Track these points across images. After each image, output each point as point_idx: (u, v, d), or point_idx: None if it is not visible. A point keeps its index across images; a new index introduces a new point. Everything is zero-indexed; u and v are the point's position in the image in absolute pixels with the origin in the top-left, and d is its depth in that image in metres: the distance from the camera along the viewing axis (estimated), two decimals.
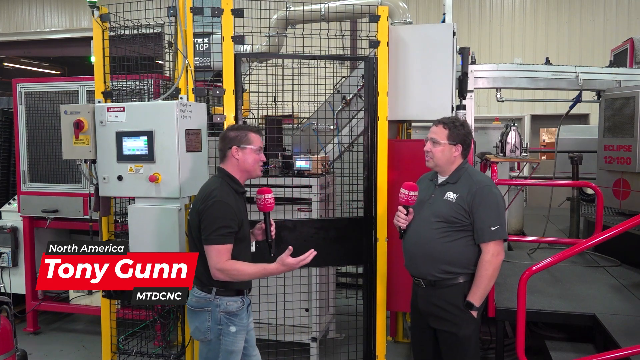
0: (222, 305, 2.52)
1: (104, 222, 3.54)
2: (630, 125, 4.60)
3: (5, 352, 2.70)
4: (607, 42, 9.08)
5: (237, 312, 2.55)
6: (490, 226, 2.57)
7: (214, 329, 2.52)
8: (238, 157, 2.55)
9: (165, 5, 3.32)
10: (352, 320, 3.94)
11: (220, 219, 2.42)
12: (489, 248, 2.58)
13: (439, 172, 2.76)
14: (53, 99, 4.64)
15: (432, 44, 3.70)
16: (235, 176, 2.58)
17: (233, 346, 2.55)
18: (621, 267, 4.49)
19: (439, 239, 2.62)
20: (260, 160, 2.60)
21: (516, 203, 5.38)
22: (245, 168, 2.58)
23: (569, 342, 3.56)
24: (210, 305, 2.52)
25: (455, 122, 2.71)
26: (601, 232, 2.87)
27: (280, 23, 4.33)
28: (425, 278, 2.69)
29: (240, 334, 2.57)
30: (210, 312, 2.52)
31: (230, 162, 2.58)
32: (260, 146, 2.60)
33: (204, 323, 2.53)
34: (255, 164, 2.59)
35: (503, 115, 9.05)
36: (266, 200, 2.64)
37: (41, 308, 4.87)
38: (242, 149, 2.55)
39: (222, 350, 2.53)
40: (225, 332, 2.52)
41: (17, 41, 11.86)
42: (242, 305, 2.58)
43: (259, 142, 2.60)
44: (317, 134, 4.27)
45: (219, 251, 2.41)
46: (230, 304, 2.53)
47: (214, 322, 2.52)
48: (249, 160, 2.57)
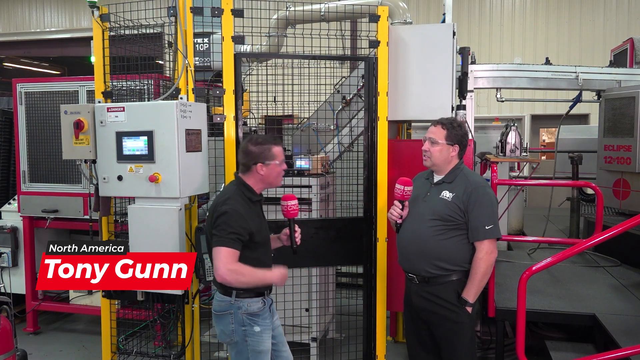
0: (244, 307, 2.56)
1: (104, 222, 3.54)
2: (630, 125, 4.60)
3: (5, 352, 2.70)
4: (607, 42, 9.09)
5: (258, 312, 2.60)
6: (484, 225, 2.64)
7: (239, 331, 2.57)
8: (263, 172, 2.59)
9: (165, 5, 3.32)
10: (352, 320, 3.94)
11: (232, 226, 2.45)
12: (483, 246, 2.65)
13: (436, 171, 2.81)
14: (53, 99, 4.63)
15: (432, 44, 3.70)
16: (254, 187, 2.63)
17: (260, 346, 2.60)
18: (621, 267, 4.49)
19: (433, 236, 2.69)
20: (282, 171, 2.65)
21: (516, 203, 5.38)
22: (269, 181, 2.64)
23: (569, 342, 3.56)
24: (231, 308, 2.57)
25: (453, 122, 2.77)
26: (601, 232, 2.87)
27: (280, 23, 4.33)
28: (419, 274, 2.75)
29: (265, 333, 2.62)
30: (233, 315, 2.57)
31: (253, 176, 2.62)
32: (283, 158, 2.65)
33: (228, 326, 2.58)
34: (278, 177, 2.65)
35: (503, 115, 9.05)
36: (289, 207, 2.70)
37: (41, 308, 4.87)
38: (266, 165, 2.59)
39: (250, 351, 2.58)
40: (250, 332, 2.57)
41: (17, 41, 11.86)
42: (263, 306, 2.62)
43: (281, 155, 2.64)
44: (317, 134, 4.27)
45: (229, 252, 2.43)
46: (251, 305, 2.58)
47: (237, 324, 2.57)
48: (273, 174, 2.62)
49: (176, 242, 3.09)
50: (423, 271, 2.72)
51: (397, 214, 2.79)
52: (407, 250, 2.79)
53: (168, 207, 3.10)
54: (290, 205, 2.68)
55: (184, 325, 3.45)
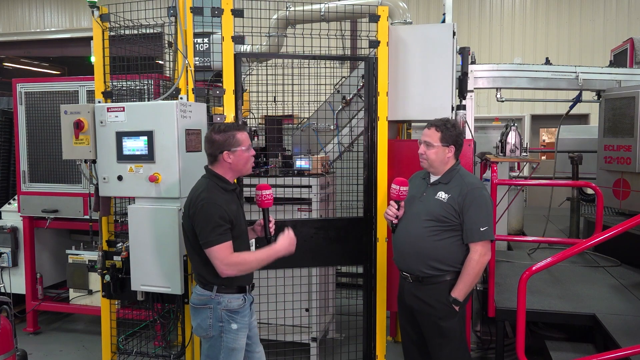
0: (224, 302, 2.54)
1: (104, 222, 3.54)
2: (630, 125, 4.60)
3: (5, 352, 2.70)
4: (607, 42, 9.09)
5: (238, 309, 2.58)
6: (479, 227, 2.65)
7: (216, 326, 2.54)
8: (230, 160, 2.56)
9: (165, 5, 3.32)
10: (352, 320, 3.94)
11: (213, 221, 2.43)
12: (477, 248, 2.66)
13: (433, 172, 2.83)
14: (53, 99, 4.64)
15: (432, 44, 3.70)
16: (225, 176, 2.60)
17: (234, 343, 2.57)
18: (621, 267, 4.49)
19: (428, 237, 2.70)
20: (250, 157, 2.62)
21: (516, 203, 5.38)
22: (238, 169, 2.61)
23: (569, 342, 3.56)
24: (211, 302, 2.54)
25: (447, 123, 2.77)
26: (601, 232, 2.86)
27: (280, 23, 4.33)
28: (413, 273, 2.77)
29: (242, 332, 2.59)
30: (212, 310, 2.55)
31: (222, 165, 2.59)
32: (249, 143, 2.61)
33: (206, 320, 2.55)
34: (247, 163, 2.62)
35: (503, 115, 9.05)
36: (263, 196, 2.65)
37: (41, 308, 4.87)
38: (233, 152, 2.55)
39: (224, 347, 2.55)
40: (226, 329, 2.55)
41: (17, 41, 11.85)
42: (243, 303, 2.60)
43: (247, 141, 2.60)
44: (317, 134, 4.27)
45: (220, 249, 2.42)
46: (232, 302, 2.56)
47: (215, 319, 2.54)
48: (241, 161, 2.59)
49: (176, 242, 3.09)
50: (417, 271, 2.74)
51: (392, 214, 2.80)
52: (401, 249, 2.81)
53: (168, 207, 3.10)
54: (265, 195, 2.63)
55: (184, 325, 3.45)
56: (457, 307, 2.70)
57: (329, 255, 3.66)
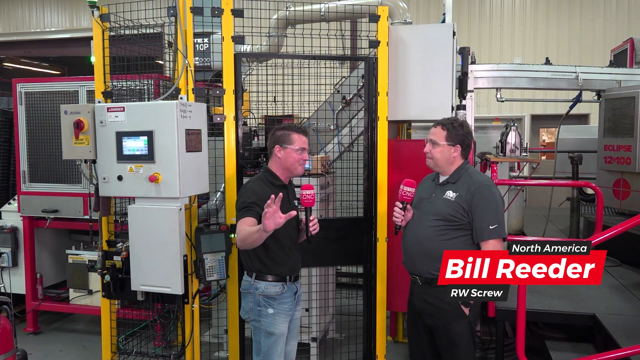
0: (261, 288, 2.73)
1: (104, 222, 3.54)
2: (630, 125, 4.60)
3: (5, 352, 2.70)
4: (607, 42, 9.09)
5: (275, 296, 2.73)
6: (489, 225, 2.60)
7: (255, 310, 2.75)
8: (280, 155, 2.75)
9: (165, 5, 3.32)
10: (352, 320, 3.94)
11: (241, 201, 2.66)
12: (488, 246, 2.60)
13: (440, 172, 2.80)
14: (53, 99, 4.63)
15: (432, 44, 3.70)
16: (277, 173, 2.78)
17: (272, 327, 2.72)
18: (621, 267, 4.49)
19: (436, 236, 2.66)
20: (301, 159, 2.76)
21: (516, 203, 5.38)
22: (286, 166, 2.76)
23: (569, 342, 3.56)
24: (251, 288, 2.76)
25: (454, 122, 2.75)
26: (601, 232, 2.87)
27: (280, 23, 4.33)
28: (422, 276, 2.73)
29: (278, 317, 2.73)
30: (252, 294, 2.75)
31: (274, 160, 2.79)
32: (301, 146, 2.75)
33: (248, 304, 2.78)
34: (296, 163, 2.75)
35: (503, 115, 9.05)
36: (304, 196, 2.72)
37: (41, 308, 4.87)
38: (284, 148, 2.73)
39: (263, 331, 2.74)
40: (264, 313, 2.72)
41: (17, 41, 11.85)
42: (281, 291, 2.74)
43: (300, 143, 2.75)
44: (317, 134, 4.27)
45: (239, 224, 2.59)
46: (269, 288, 2.73)
47: (254, 303, 2.74)
48: (290, 159, 2.74)
49: (176, 242, 3.09)
50: (426, 272, 2.69)
51: (397, 215, 2.76)
52: (411, 251, 2.77)
53: (168, 207, 3.10)
54: (305, 194, 2.69)
55: (184, 325, 3.45)
56: (467, 309, 2.65)
57: (329, 255, 3.66)
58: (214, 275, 3.21)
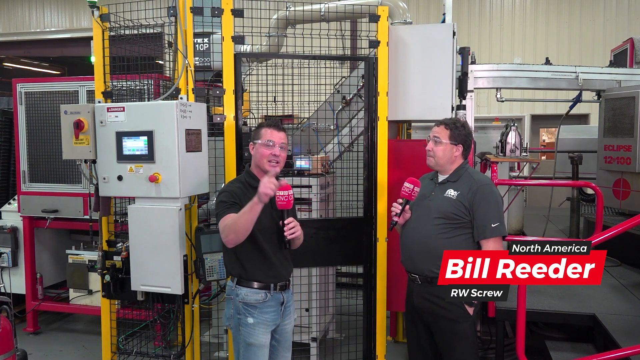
0: (241, 295, 2.58)
1: (104, 222, 3.54)
2: (630, 125, 4.59)
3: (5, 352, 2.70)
4: (607, 42, 9.08)
5: (255, 304, 2.57)
6: (490, 223, 2.62)
7: (235, 317, 2.61)
8: (252, 152, 2.66)
9: (165, 5, 3.32)
10: (352, 320, 3.94)
11: (219, 201, 2.54)
12: (489, 245, 2.62)
13: (440, 171, 2.81)
14: (53, 99, 4.64)
15: (432, 44, 3.70)
16: (254, 171, 2.66)
17: (251, 338, 2.56)
18: (621, 267, 4.49)
19: (437, 234, 2.67)
20: (270, 154, 2.57)
21: (516, 203, 5.37)
22: (256, 162, 2.64)
23: (569, 342, 3.56)
24: (232, 293, 2.63)
25: (457, 123, 2.78)
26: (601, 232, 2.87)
27: (280, 23, 4.33)
28: (422, 274, 2.73)
29: (259, 327, 2.57)
30: (232, 301, 2.62)
31: (252, 159, 2.68)
32: (268, 139, 2.57)
33: (229, 310, 2.65)
34: (264, 158, 2.58)
35: (503, 115, 9.05)
36: (278, 197, 2.50)
37: (41, 308, 4.87)
38: (254, 144, 2.63)
39: (242, 341, 2.59)
40: (243, 322, 2.58)
41: (17, 41, 11.85)
42: (262, 299, 2.58)
43: (267, 136, 2.59)
44: (317, 134, 4.27)
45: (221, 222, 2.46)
46: (249, 295, 2.57)
47: (235, 310, 2.61)
48: (257, 155, 2.62)
49: (176, 242, 3.09)
50: (427, 270, 2.69)
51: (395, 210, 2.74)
52: (410, 249, 2.77)
53: (168, 207, 3.10)
54: (279, 196, 2.43)
55: (184, 325, 3.45)
56: (471, 309, 2.65)
57: (329, 255, 3.66)
58: (214, 275, 3.20)
